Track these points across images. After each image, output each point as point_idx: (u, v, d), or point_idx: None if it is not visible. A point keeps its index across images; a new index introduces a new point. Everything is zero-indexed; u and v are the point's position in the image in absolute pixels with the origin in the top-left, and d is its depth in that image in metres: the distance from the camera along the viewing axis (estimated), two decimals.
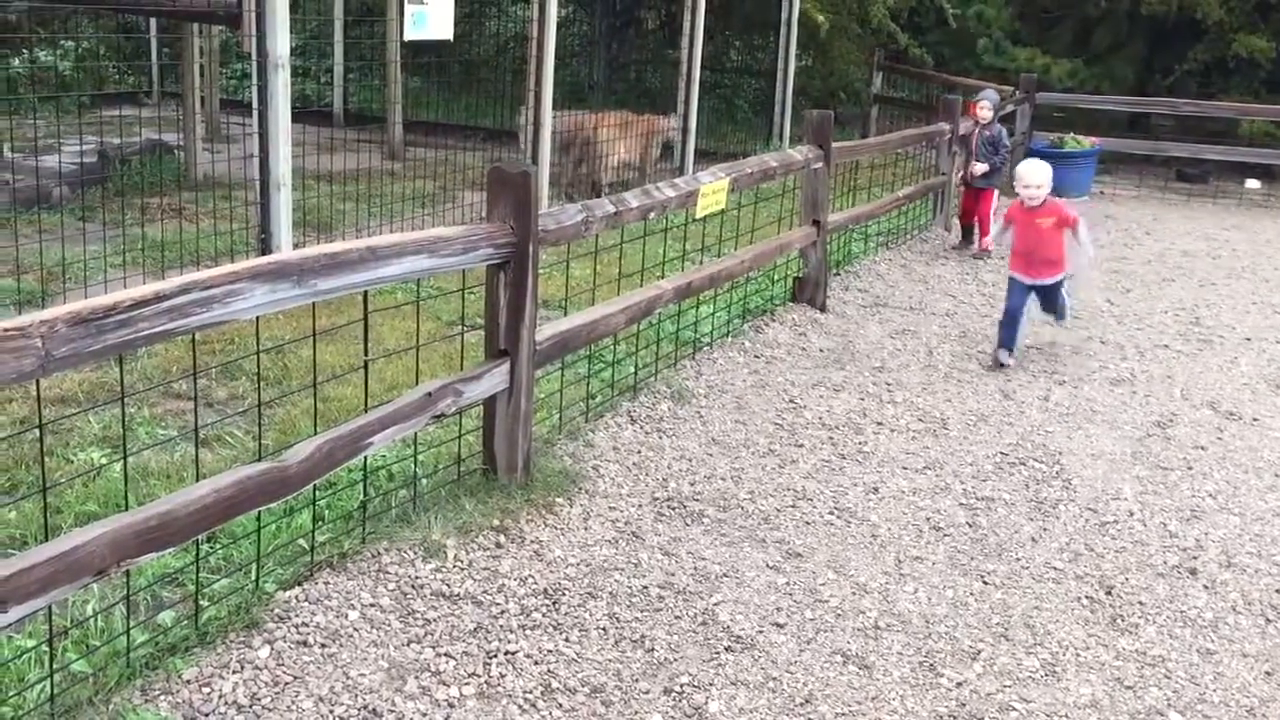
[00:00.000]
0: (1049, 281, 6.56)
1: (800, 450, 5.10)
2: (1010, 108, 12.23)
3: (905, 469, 4.96)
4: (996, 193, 9.57)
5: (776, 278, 7.53)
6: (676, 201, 5.42)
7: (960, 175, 9.79)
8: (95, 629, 3.18)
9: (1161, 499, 4.81)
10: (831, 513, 4.50)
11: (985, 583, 4.02)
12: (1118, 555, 4.29)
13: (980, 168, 9.41)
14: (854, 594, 3.89)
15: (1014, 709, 3.31)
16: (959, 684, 3.41)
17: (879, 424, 5.48)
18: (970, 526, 4.46)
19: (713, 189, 5.70)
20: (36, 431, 4.30)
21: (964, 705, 3.31)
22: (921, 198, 10.05)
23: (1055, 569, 4.16)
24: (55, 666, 2.91)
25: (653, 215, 5.29)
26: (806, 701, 3.27)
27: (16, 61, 13.23)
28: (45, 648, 2.97)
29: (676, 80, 12.12)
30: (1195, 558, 4.29)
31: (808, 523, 4.40)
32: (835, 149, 7.25)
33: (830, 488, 4.73)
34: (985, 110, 9.50)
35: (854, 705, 3.27)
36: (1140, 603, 3.95)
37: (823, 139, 7.07)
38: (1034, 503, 4.71)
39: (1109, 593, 4.01)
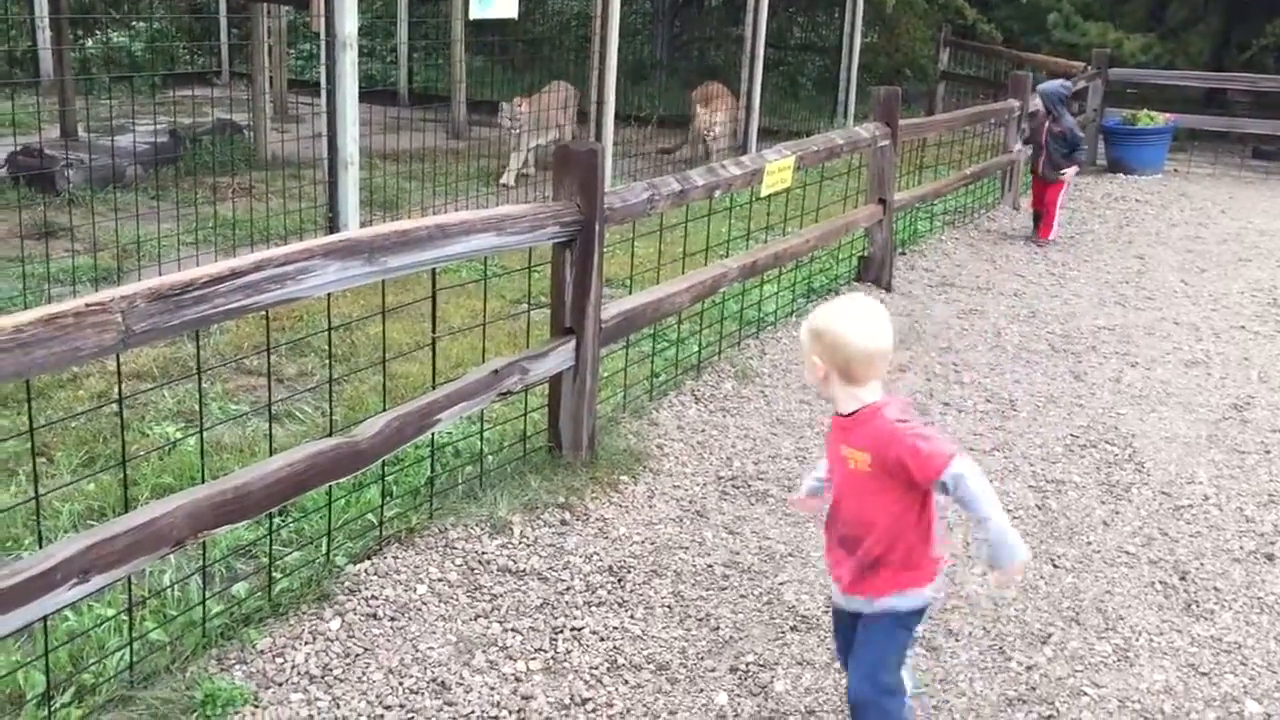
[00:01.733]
0: (861, 604, 2.74)
1: None
2: (1082, 84, 11.99)
3: (972, 450, 4.90)
4: (1069, 183, 9.17)
5: (841, 257, 7.46)
6: (742, 180, 5.38)
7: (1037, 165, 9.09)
8: (172, 599, 3.25)
9: (1238, 483, 4.70)
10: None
11: (1055, 566, 3.97)
12: (1192, 540, 4.21)
13: (1070, 173, 8.92)
14: None
15: (1085, 694, 3.26)
16: (1029, 667, 3.36)
17: (945, 404, 5.42)
18: (1040, 509, 4.39)
19: (778, 167, 5.65)
20: (114, 406, 4.40)
21: (1034, 689, 3.27)
22: (989, 176, 9.90)
23: (1128, 553, 4.09)
24: (134, 635, 2.98)
25: (718, 193, 5.26)
26: None
27: (90, 42, 13.48)
28: (124, 617, 3.04)
29: (740, 57, 12.04)
30: (1273, 543, 4.20)
31: None
32: (902, 126, 7.16)
33: None
34: (1038, 101, 8.93)
35: (921, 687, 3.24)
36: (1216, 588, 3.87)
37: (890, 116, 6.99)
38: (1105, 486, 4.63)
39: (1183, 578, 3.93)
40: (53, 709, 2.73)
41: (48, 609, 2.51)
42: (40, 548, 2.58)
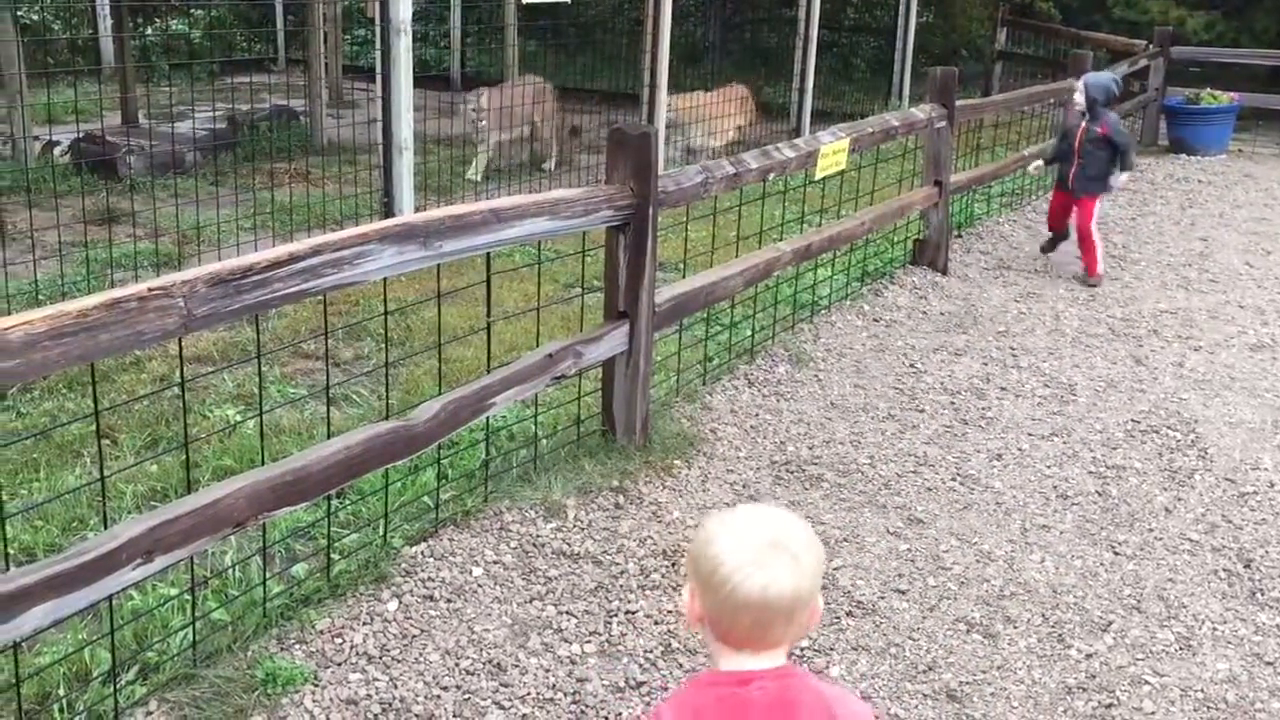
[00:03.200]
0: None
1: (921, 415, 5.01)
2: (1143, 63, 11.75)
3: (1031, 435, 4.84)
4: (1104, 198, 7.55)
5: (896, 240, 7.39)
6: (796, 162, 5.34)
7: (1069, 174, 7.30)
8: (233, 579, 3.30)
9: None
10: (954, 479, 4.41)
11: (1116, 553, 3.91)
12: (1257, 527, 4.13)
13: (1123, 179, 7.40)
14: (978, 562, 3.81)
15: (1147, 682, 3.22)
16: (1088, 655, 3.32)
17: (1003, 389, 5.35)
18: (1100, 495, 4.33)
19: (833, 149, 5.60)
20: (175, 389, 4.47)
21: (1094, 677, 3.23)
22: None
23: (1191, 540, 4.02)
24: (196, 615, 3.03)
25: (772, 176, 5.23)
26: (929, 669, 3.23)
27: (150, 30, 13.66)
28: (187, 596, 3.09)
29: (793, 39, 11.94)
30: None
31: (929, 489, 4.33)
32: (959, 107, 7.06)
33: (953, 454, 4.64)
34: (1078, 98, 7.16)
35: (978, 674, 3.22)
36: None
37: (947, 97, 6.89)
38: (1168, 472, 4.55)
39: (1248, 565, 3.86)
40: (118, 686, 2.78)
41: (113, 588, 2.56)
42: (105, 528, 2.62)
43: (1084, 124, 7.17)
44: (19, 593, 2.31)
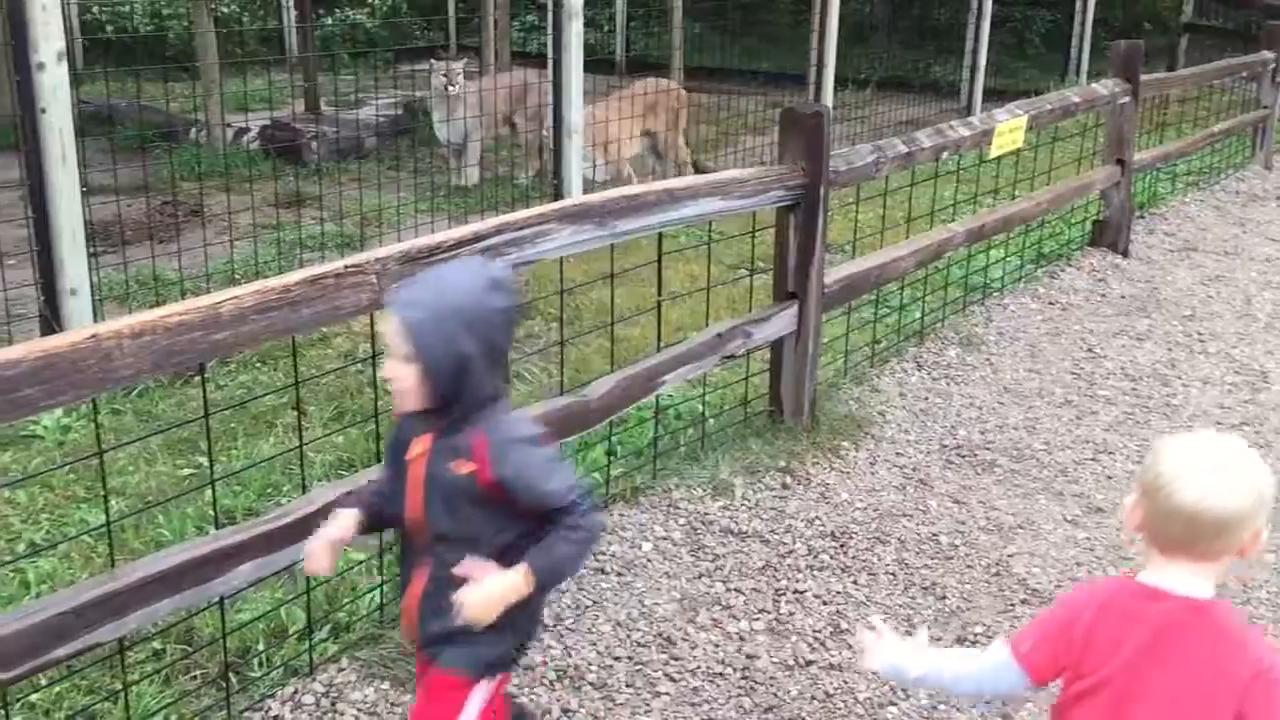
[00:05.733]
0: None
1: (1100, 402, 4.84)
2: None
3: (1220, 424, 4.62)
4: None
5: (1074, 221, 7.13)
6: (970, 141, 5.22)
7: None
8: None
9: None
10: (1137, 467, 4.26)
11: None
12: None
13: None
14: None
15: None
16: None
17: (1189, 376, 5.13)
18: None
19: (1009, 127, 5.45)
20: (359, 364, 4.67)
21: None
22: (1238, 133, 9.24)
23: None
24: (383, 578, 3.17)
25: (945, 155, 5.12)
26: None
27: (330, 20, 14.21)
28: (374, 561, 3.23)
29: (964, 15, 11.62)
30: None
31: (1109, 477, 4.19)
32: (1144, 82, 6.77)
33: (1134, 441, 4.48)
34: None
35: None
36: None
37: (1131, 71, 6.61)
38: None
39: None
40: (312, 643, 2.94)
41: None
42: (303, 493, 2.77)
43: None
44: (229, 551, 2.47)
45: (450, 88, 7.83)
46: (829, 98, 9.09)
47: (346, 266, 2.63)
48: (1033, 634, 1.87)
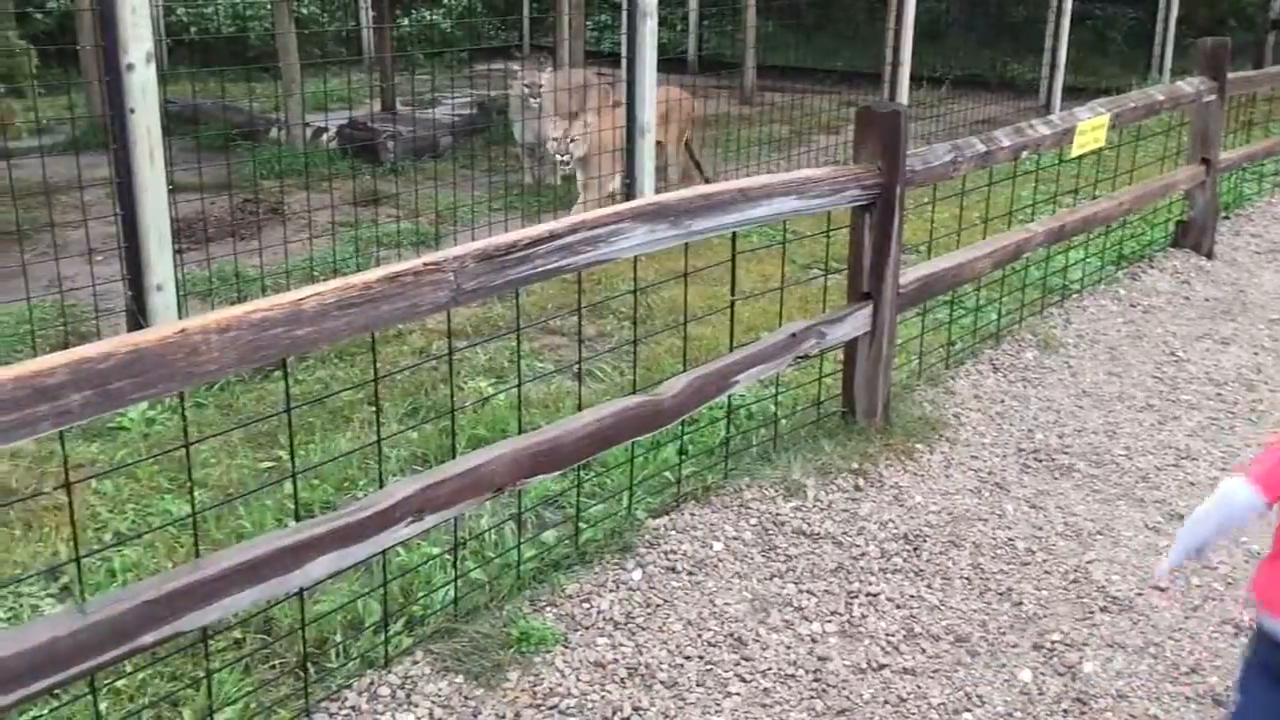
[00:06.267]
0: None
1: (1183, 407, 4.74)
2: None
3: None
4: None
5: (1156, 221, 6.99)
6: (1051, 140, 5.13)
7: None
8: (489, 542, 3.47)
9: None
10: (1221, 474, 4.16)
11: None
12: None
13: None
14: (1246, 562, 3.58)
15: None
16: None
17: (1275, 381, 4.99)
18: None
19: (1091, 125, 5.35)
20: (434, 361, 4.73)
21: None
22: None
23: None
24: (457, 573, 3.20)
25: (1024, 154, 5.04)
26: (1192, 671, 3.07)
27: (406, 21, 14.39)
28: (448, 556, 3.27)
29: (1043, 12, 11.43)
30: None
31: (1192, 483, 4.10)
32: (1231, 80, 6.60)
33: (1218, 447, 4.37)
34: None
35: None
36: None
37: (1217, 69, 6.46)
38: None
39: None
40: (388, 635, 2.98)
41: (387, 543, 2.74)
42: (380, 488, 2.81)
43: None
44: (308, 543, 2.51)
45: (533, 100, 7.98)
46: (904, 96, 9.00)
47: (425, 264, 2.66)
48: (1261, 460, 2.17)
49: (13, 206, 5.73)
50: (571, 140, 7.21)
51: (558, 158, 7.31)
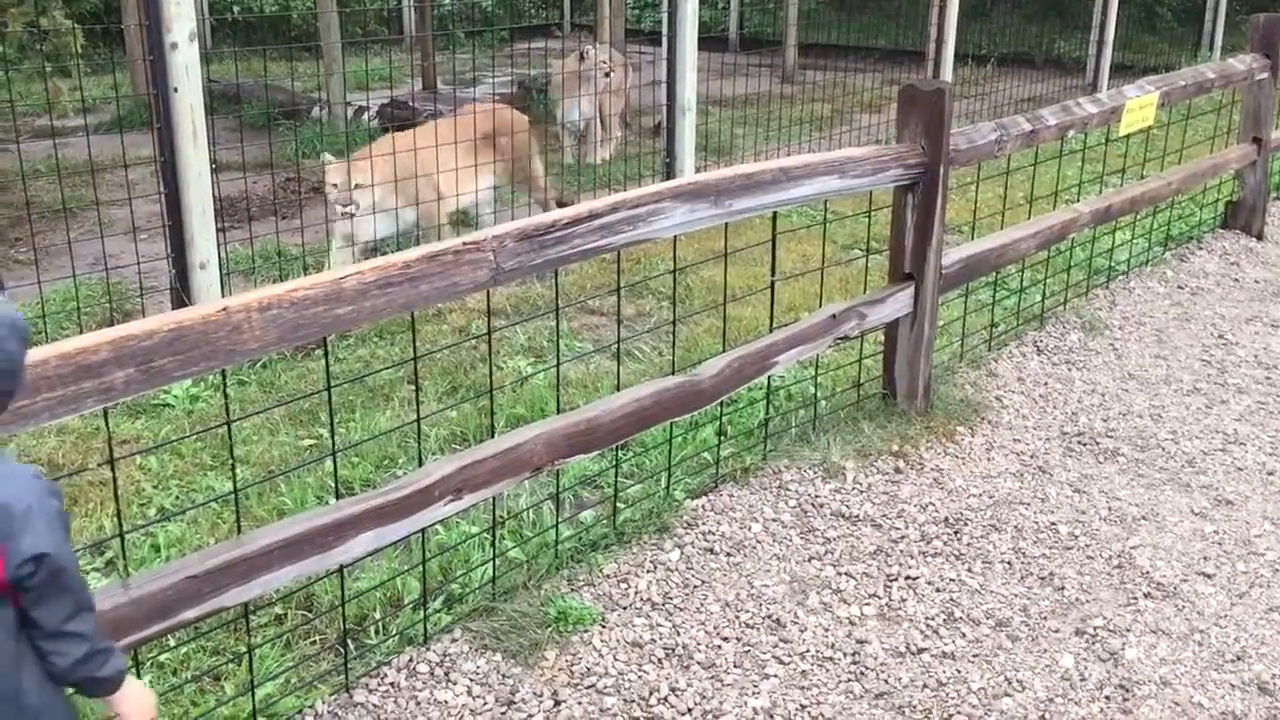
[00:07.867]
0: None
1: (1231, 390, 4.66)
2: None
3: None
4: None
5: (1205, 202, 6.86)
6: (1098, 119, 5.05)
7: None
8: (527, 521, 3.48)
9: None
10: (1269, 459, 4.09)
11: None
12: None
13: None
14: None
15: None
16: None
17: None
18: None
19: (1140, 104, 5.25)
20: (473, 340, 4.74)
21: None
22: None
23: None
24: (496, 552, 3.21)
25: (1071, 133, 4.96)
26: (1238, 658, 3.02)
27: (446, 0, 14.37)
28: (487, 535, 3.28)
29: None
30: None
31: (1240, 469, 4.03)
32: None
33: (1268, 432, 4.30)
34: None
35: None
36: None
37: (1270, 46, 6.32)
38: None
39: None
40: (427, 613, 3.00)
41: (426, 522, 2.75)
42: (419, 466, 2.82)
43: None
44: (348, 520, 2.53)
45: (609, 76, 7.87)
46: (948, 74, 8.89)
47: (465, 243, 2.66)
48: None
49: (59, 185, 5.80)
50: (356, 186, 5.53)
51: (338, 207, 5.56)
